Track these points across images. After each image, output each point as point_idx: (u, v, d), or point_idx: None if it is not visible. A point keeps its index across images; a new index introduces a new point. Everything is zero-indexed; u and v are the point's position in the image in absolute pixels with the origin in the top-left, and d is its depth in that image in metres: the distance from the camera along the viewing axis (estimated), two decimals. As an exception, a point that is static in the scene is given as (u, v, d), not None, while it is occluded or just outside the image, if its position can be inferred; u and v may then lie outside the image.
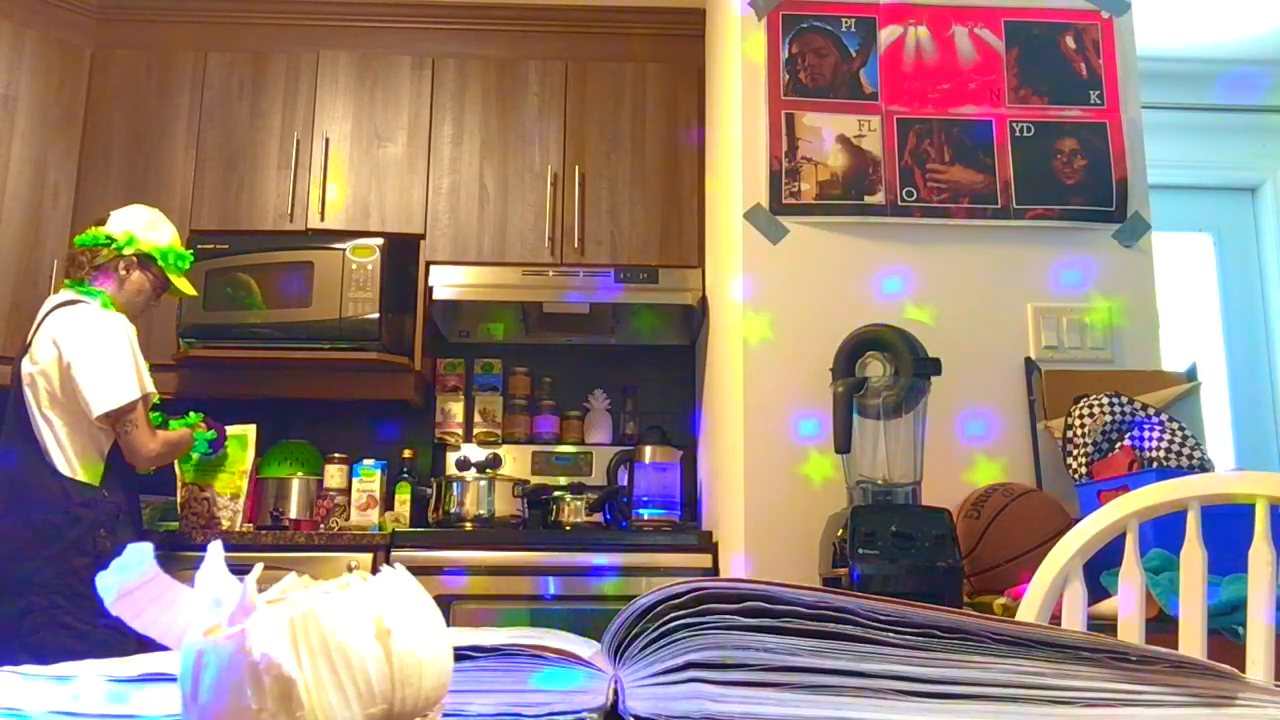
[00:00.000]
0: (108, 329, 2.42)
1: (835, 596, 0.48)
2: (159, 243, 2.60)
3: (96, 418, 2.36)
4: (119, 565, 0.46)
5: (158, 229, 2.62)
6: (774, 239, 2.40)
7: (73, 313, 2.45)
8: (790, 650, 0.47)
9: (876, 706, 0.46)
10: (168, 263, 2.61)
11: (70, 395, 2.37)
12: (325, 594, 0.38)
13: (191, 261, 2.70)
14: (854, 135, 2.43)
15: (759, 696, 0.46)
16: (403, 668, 0.37)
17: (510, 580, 2.75)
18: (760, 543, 2.26)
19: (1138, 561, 1.23)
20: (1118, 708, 0.48)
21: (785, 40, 2.48)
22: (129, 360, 2.41)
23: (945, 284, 2.38)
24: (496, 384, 3.55)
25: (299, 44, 3.38)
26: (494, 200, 3.28)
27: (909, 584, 1.85)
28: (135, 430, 2.43)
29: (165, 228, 2.65)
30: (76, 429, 2.39)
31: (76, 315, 2.44)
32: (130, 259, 2.54)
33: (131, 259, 2.55)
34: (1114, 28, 2.51)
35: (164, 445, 2.52)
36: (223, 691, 0.35)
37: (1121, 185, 2.43)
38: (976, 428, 2.30)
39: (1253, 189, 3.95)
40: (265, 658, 0.35)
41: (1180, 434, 2.04)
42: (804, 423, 2.26)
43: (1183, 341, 3.61)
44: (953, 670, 0.48)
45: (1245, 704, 0.50)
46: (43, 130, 3.21)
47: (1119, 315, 2.39)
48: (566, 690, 0.48)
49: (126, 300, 2.54)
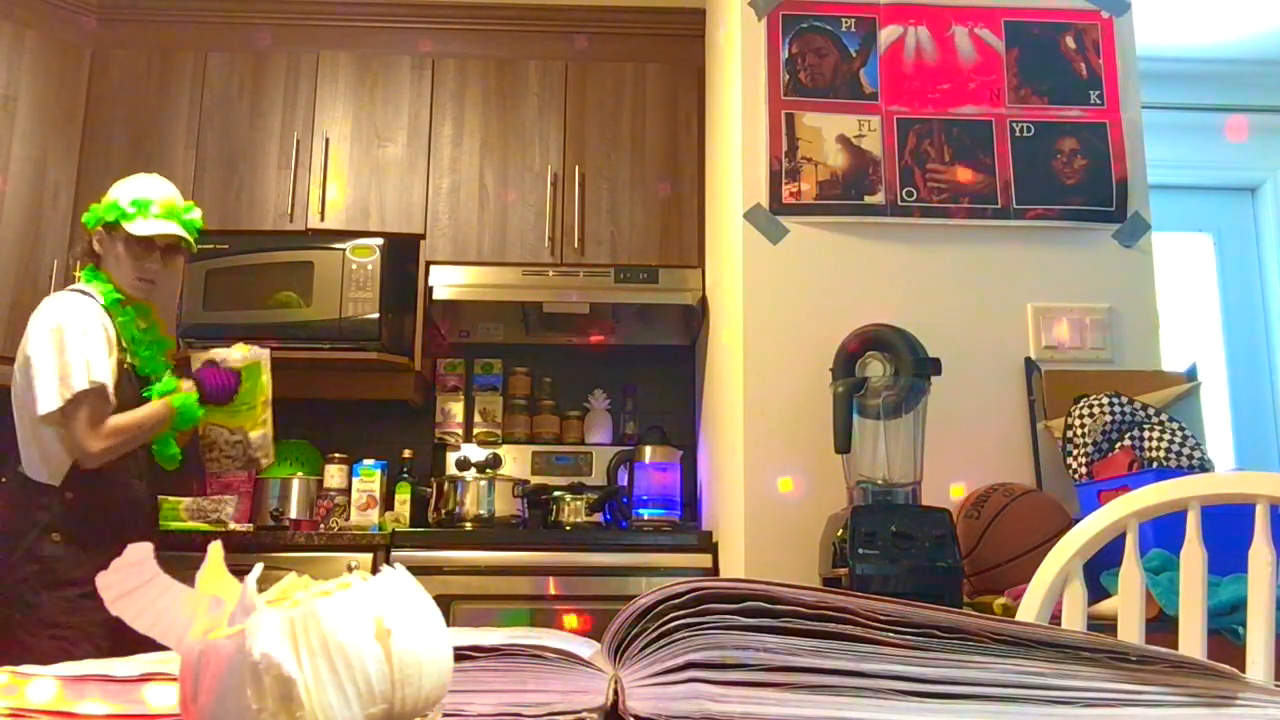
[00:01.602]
0: (57, 319, 2.21)
1: (835, 596, 0.48)
2: (110, 201, 2.34)
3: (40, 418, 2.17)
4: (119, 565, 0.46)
5: (117, 190, 2.36)
6: (774, 239, 2.40)
7: (45, 302, 2.31)
8: (790, 650, 0.47)
9: (876, 706, 0.46)
10: (121, 214, 2.31)
11: (26, 389, 2.21)
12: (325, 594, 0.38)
13: (146, 206, 2.34)
14: (854, 135, 2.43)
15: (759, 696, 0.46)
16: (403, 668, 0.37)
17: (510, 580, 2.75)
18: (760, 543, 2.26)
19: (1138, 561, 1.23)
20: (1118, 708, 0.48)
21: (785, 40, 2.48)
22: (74, 354, 2.17)
23: (945, 284, 2.38)
24: (496, 384, 3.55)
25: (299, 44, 3.38)
26: (494, 200, 3.28)
27: (909, 584, 1.85)
28: (74, 427, 2.17)
29: (125, 185, 2.38)
30: (36, 425, 2.20)
31: (43, 305, 2.30)
32: (99, 233, 2.33)
33: (100, 232, 2.33)
34: (1114, 28, 2.51)
35: (114, 437, 2.21)
36: (223, 691, 0.35)
37: (1121, 185, 2.43)
38: (976, 428, 2.30)
39: (1253, 189, 3.95)
40: (265, 658, 0.35)
41: (1180, 434, 2.04)
42: (804, 423, 2.26)
43: (1183, 341, 3.62)
44: (953, 670, 0.48)
45: (1245, 704, 0.50)
46: (43, 130, 3.21)
47: (1119, 315, 2.39)
48: (566, 690, 0.48)
49: (123, 279, 2.32)
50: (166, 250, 2.36)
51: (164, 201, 2.35)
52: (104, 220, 2.32)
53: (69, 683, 0.48)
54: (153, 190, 2.37)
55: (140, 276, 2.33)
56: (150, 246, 2.33)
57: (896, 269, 2.38)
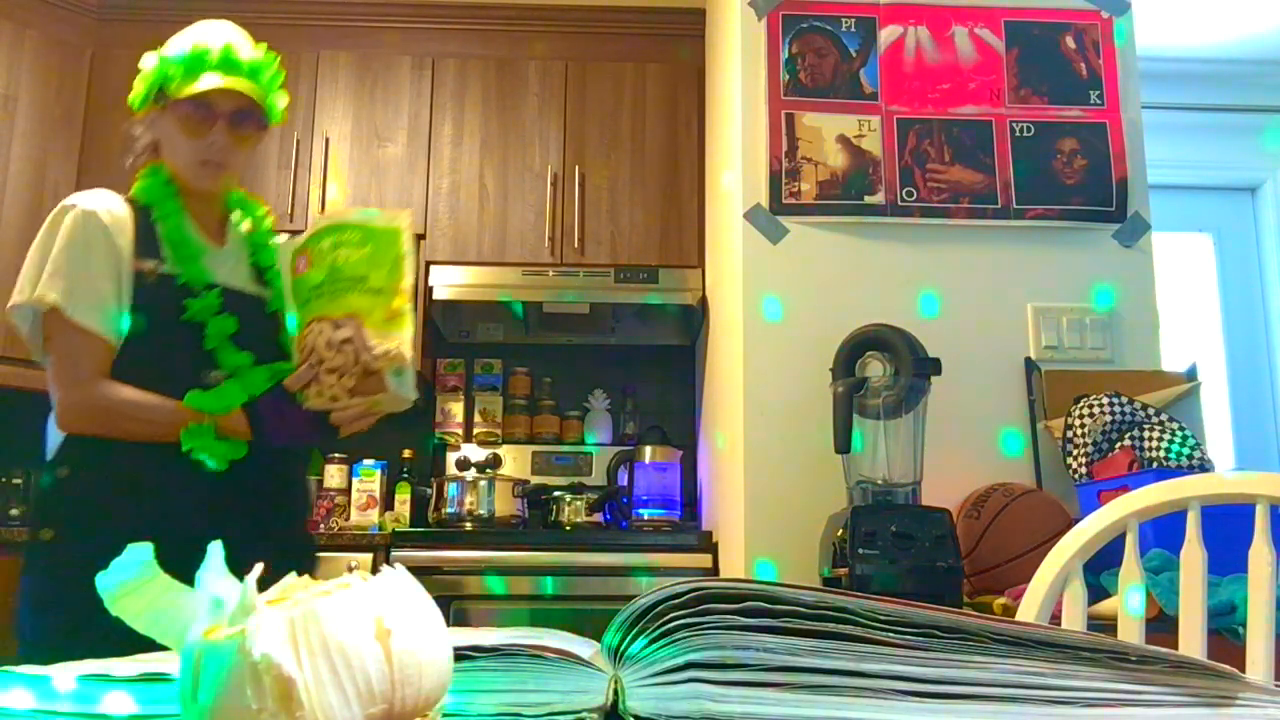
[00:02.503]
0: (46, 227, 1.64)
1: (835, 596, 0.48)
2: (153, 66, 1.69)
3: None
4: (118, 565, 0.46)
5: (168, 45, 1.71)
6: (774, 239, 2.40)
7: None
8: (790, 650, 0.47)
9: (876, 706, 0.46)
10: (166, 76, 1.65)
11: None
12: (325, 594, 0.38)
13: (202, 58, 1.64)
14: (854, 135, 2.43)
15: (759, 696, 0.46)
16: (403, 668, 0.37)
17: (510, 580, 2.75)
18: (760, 543, 2.26)
19: (1138, 561, 1.23)
20: (1118, 708, 0.48)
21: (785, 40, 2.48)
22: (45, 258, 1.58)
23: (945, 284, 2.38)
24: (496, 384, 3.55)
25: (299, 44, 3.38)
26: (494, 200, 3.28)
27: (909, 584, 1.85)
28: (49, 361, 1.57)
29: (178, 37, 1.71)
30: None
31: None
32: (150, 114, 1.69)
33: (151, 113, 1.69)
34: (1114, 28, 2.51)
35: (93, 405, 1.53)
36: (223, 691, 0.35)
37: (1121, 185, 2.43)
38: (976, 428, 2.30)
39: (1253, 189, 3.95)
40: (265, 658, 0.35)
41: (1180, 434, 2.04)
42: (804, 423, 2.26)
43: (1183, 341, 3.61)
44: (953, 670, 0.48)
45: (1245, 704, 0.50)
46: (43, 130, 3.21)
47: (1119, 316, 2.39)
48: (566, 690, 0.48)
49: (182, 166, 1.67)
50: (235, 117, 1.67)
51: (225, 49, 1.65)
52: (150, 92, 1.68)
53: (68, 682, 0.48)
54: (212, 37, 1.68)
55: (203, 159, 1.65)
56: (209, 113, 1.64)
57: (896, 269, 2.38)
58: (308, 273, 1.55)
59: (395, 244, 1.55)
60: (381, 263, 1.53)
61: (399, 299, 1.52)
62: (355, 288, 1.51)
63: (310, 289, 1.54)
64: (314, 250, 1.55)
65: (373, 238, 1.54)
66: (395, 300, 1.52)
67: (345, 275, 1.51)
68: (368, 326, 1.50)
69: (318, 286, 1.53)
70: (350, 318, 1.50)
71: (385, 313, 1.51)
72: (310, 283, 1.54)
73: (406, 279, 1.54)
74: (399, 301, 1.52)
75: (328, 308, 1.52)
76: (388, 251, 1.54)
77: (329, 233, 1.55)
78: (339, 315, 1.51)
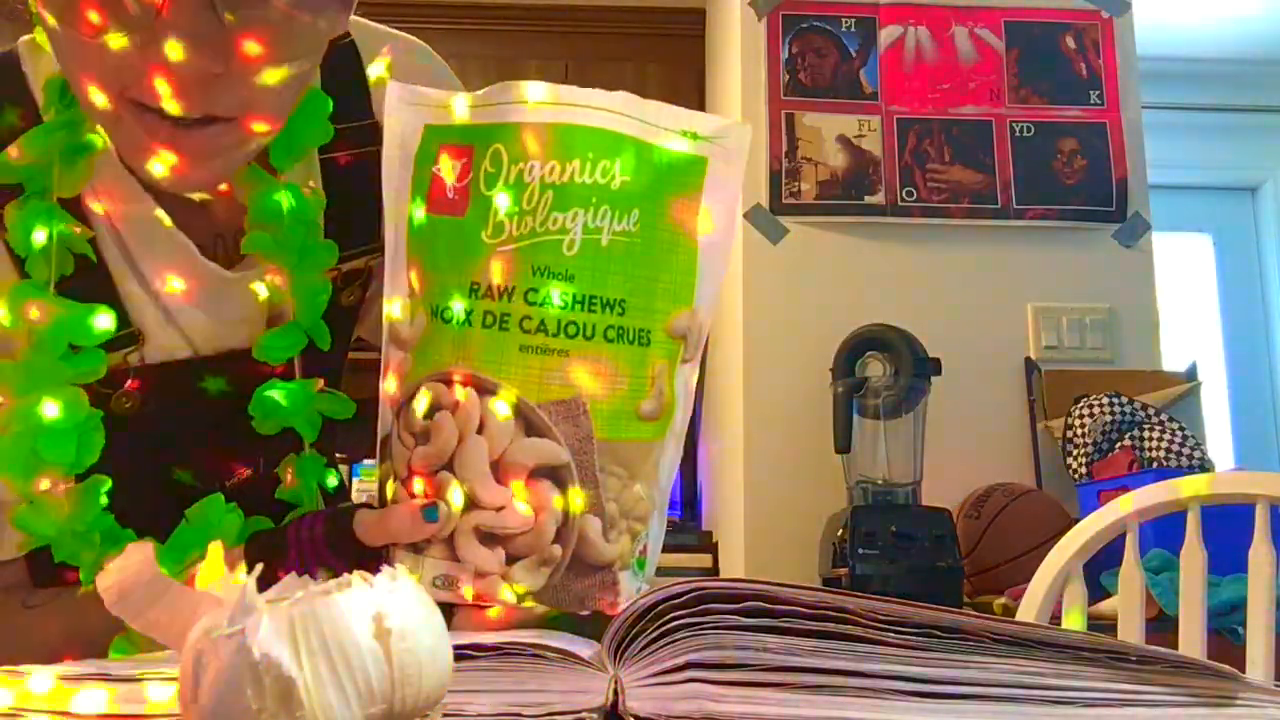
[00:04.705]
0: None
1: (835, 596, 0.48)
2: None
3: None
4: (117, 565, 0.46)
5: None
6: (774, 239, 2.40)
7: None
8: (790, 650, 0.47)
9: (876, 706, 0.46)
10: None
11: None
12: (325, 594, 0.38)
13: None
14: (854, 135, 2.43)
15: (759, 696, 0.46)
16: (403, 668, 0.37)
17: (510, 580, 2.75)
18: (760, 543, 2.26)
19: (1138, 561, 1.23)
20: (1118, 708, 0.48)
21: (785, 40, 2.48)
22: None
23: (945, 284, 2.38)
24: (496, 384, 3.55)
25: (299, 44, 3.37)
26: (494, 200, 3.28)
27: (909, 584, 1.85)
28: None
29: None
30: None
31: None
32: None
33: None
34: (1114, 28, 2.51)
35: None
36: (223, 691, 0.35)
37: (1121, 185, 2.43)
38: (976, 428, 2.30)
39: (1253, 189, 3.95)
40: (265, 658, 0.35)
41: (1180, 434, 2.04)
42: (804, 423, 2.26)
43: (1183, 341, 3.61)
44: (953, 670, 0.48)
45: (1245, 704, 0.49)
46: (43, 130, 3.21)
47: (1119, 315, 2.39)
48: (566, 690, 0.48)
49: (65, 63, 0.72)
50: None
51: None
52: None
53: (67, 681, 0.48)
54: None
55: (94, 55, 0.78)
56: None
57: (896, 269, 2.38)
58: (471, 216, 0.64)
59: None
60: (682, 245, 0.65)
61: (677, 349, 0.66)
62: (622, 307, 0.63)
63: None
64: (509, 162, 0.65)
65: (678, 173, 0.67)
66: (671, 352, 0.65)
67: (608, 258, 0.63)
68: (607, 436, 0.64)
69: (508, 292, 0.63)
70: (577, 398, 0.62)
71: (648, 389, 0.64)
72: (479, 248, 0.64)
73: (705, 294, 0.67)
74: (678, 358, 0.66)
75: (505, 353, 0.64)
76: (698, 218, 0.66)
77: (570, 136, 0.66)
78: (556, 390, 0.63)
